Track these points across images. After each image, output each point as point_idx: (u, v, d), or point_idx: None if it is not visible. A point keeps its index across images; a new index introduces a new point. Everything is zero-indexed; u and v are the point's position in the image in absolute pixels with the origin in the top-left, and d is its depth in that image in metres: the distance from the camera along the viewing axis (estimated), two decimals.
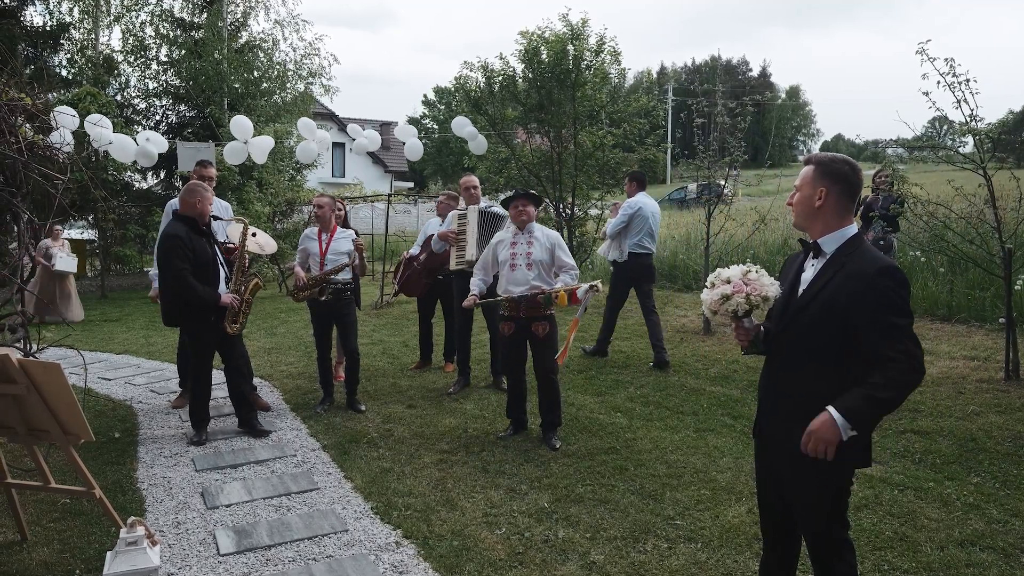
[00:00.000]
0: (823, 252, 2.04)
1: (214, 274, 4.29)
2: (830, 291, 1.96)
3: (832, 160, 2.04)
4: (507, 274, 4.23)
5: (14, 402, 2.84)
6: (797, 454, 1.99)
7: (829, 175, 2.02)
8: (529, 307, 4.16)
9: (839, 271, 1.97)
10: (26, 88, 4.41)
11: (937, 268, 7.74)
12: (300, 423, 4.73)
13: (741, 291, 2.01)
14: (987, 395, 4.80)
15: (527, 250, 4.19)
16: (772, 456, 2.18)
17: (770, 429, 2.16)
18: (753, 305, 2.00)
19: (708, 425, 4.47)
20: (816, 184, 2.03)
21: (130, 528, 2.78)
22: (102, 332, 8.43)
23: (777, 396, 2.11)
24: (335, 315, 4.92)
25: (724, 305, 2.03)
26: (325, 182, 22.75)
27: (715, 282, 2.08)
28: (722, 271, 2.10)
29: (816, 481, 2.02)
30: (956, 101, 4.94)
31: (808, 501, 2.07)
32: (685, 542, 3.01)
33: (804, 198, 2.06)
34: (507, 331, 4.27)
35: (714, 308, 2.07)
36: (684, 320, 7.69)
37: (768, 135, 61.79)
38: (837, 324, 1.93)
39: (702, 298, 2.13)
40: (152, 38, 14.55)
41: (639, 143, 10.13)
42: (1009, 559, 2.81)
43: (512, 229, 4.32)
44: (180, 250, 4.11)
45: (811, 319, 1.99)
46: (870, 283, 1.89)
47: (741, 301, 2.00)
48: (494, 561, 2.88)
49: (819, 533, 2.08)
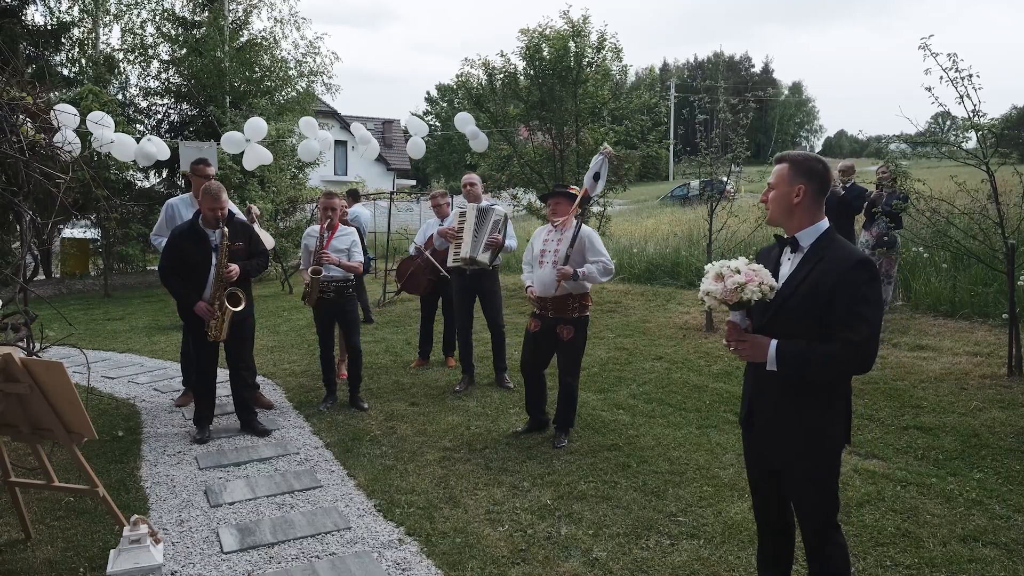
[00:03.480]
0: (800, 246, 2.13)
1: (204, 277, 4.27)
2: (812, 281, 2.04)
3: (806, 159, 2.14)
4: (537, 270, 4.21)
5: (18, 401, 2.85)
6: (789, 435, 2.10)
7: (805, 173, 2.11)
8: (557, 307, 4.13)
9: (818, 263, 2.05)
10: (28, 87, 4.41)
11: (940, 264, 7.72)
12: (303, 421, 4.74)
13: (753, 280, 2.02)
14: (990, 391, 4.79)
15: (556, 247, 4.15)
16: (764, 441, 2.22)
17: (760, 415, 2.20)
18: (764, 293, 2.02)
19: (710, 422, 4.47)
20: (793, 181, 2.11)
21: (133, 526, 2.80)
22: (105, 331, 8.45)
23: (766, 379, 2.14)
24: (337, 312, 4.92)
25: (739, 294, 2.01)
26: (327, 180, 22.75)
27: (724, 272, 2.06)
28: (725, 262, 2.10)
29: (809, 460, 2.10)
30: (959, 96, 4.92)
31: (802, 480, 2.13)
32: (688, 538, 3.01)
33: (781, 195, 2.14)
34: (533, 328, 4.24)
35: (730, 298, 2.03)
36: (687, 317, 7.68)
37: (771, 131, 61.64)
38: (820, 310, 2.01)
39: (709, 289, 2.07)
40: (153, 36, 14.57)
41: (641, 140, 10.12)
42: (1012, 555, 2.80)
43: (548, 226, 4.31)
44: (170, 248, 4.32)
45: (794, 311, 2.06)
46: (848, 272, 1.98)
47: (755, 289, 2.00)
48: (497, 558, 2.88)
49: (813, 514, 2.13)
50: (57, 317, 6.70)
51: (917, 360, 5.55)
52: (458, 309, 5.54)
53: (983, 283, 6.99)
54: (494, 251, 5.16)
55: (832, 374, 2.03)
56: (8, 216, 7.72)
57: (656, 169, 31.29)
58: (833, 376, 2.04)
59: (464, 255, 5.15)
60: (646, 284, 9.87)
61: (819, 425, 2.07)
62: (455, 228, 5.35)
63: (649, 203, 25.82)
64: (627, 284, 9.96)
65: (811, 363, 1.99)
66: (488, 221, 5.18)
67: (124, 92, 14.94)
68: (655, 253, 10.67)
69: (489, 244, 5.11)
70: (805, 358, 2.00)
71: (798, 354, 2.01)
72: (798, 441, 2.09)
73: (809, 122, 74.73)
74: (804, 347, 2.01)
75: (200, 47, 13.58)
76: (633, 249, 11.09)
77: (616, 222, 14.24)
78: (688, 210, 16.87)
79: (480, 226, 5.17)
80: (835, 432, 2.09)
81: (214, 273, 4.25)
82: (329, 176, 24.52)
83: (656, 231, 13.69)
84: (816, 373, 2.02)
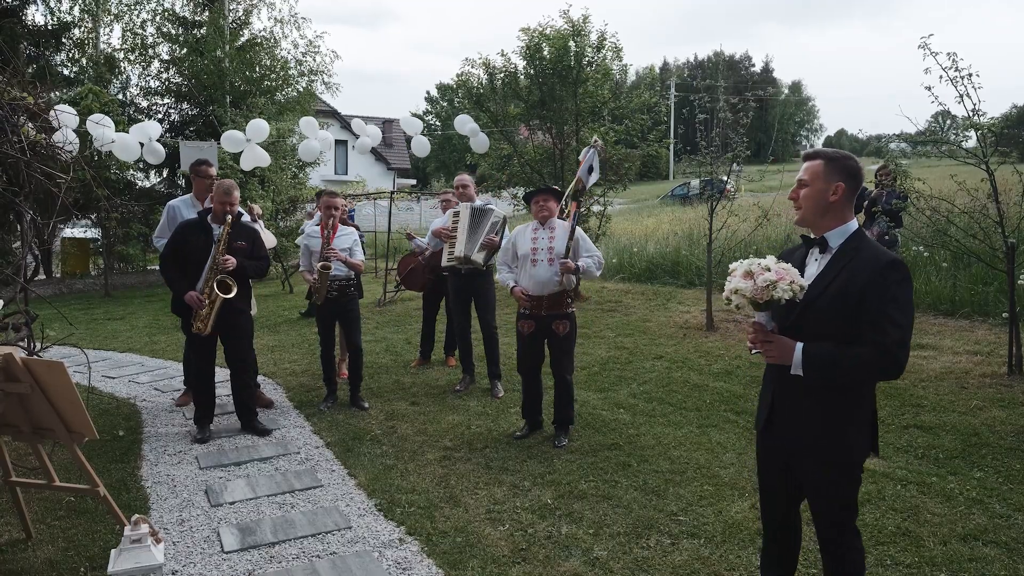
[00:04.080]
0: (829, 247, 2.04)
1: (202, 271, 4.28)
2: (841, 282, 1.96)
3: (843, 156, 2.04)
4: (528, 270, 4.18)
5: (19, 401, 2.85)
6: (811, 441, 2.03)
7: (843, 171, 2.01)
8: (551, 304, 4.14)
9: (847, 264, 1.98)
10: (28, 87, 4.41)
11: (940, 263, 7.73)
12: (304, 420, 4.75)
13: (784, 279, 1.94)
14: (990, 390, 4.79)
15: (549, 244, 4.16)
16: (784, 445, 2.14)
17: (781, 418, 2.13)
18: (795, 292, 1.94)
19: (711, 421, 4.47)
20: (830, 179, 2.01)
21: (134, 526, 2.80)
22: (105, 331, 8.46)
23: (789, 382, 2.05)
24: (339, 311, 4.93)
25: (770, 292, 1.94)
26: (328, 179, 22.76)
27: (754, 270, 1.98)
28: (754, 260, 2.03)
29: (830, 467, 2.03)
30: (959, 96, 4.93)
31: (821, 487, 2.07)
32: (688, 538, 3.01)
33: (816, 193, 2.03)
34: (526, 330, 4.23)
35: (760, 296, 1.95)
36: (687, 316, 7.69)
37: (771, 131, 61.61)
38: (849, 313, 1.93)
39: (738, 287, 1.99)
40: (153, 36, 14.57)
41: (641, 139, 10.12)
42: (1012, 554, 2.80)
43: (533, 224, 4.30)
44: (175, 239, 4.36)
45: (822, 312, 1.98)
46: (879, 274, 1.91)
47: (786, 288, 1.93)
48: (497, 557, 2.89)
49: (834, 520, 2.08)
50: (57, 317, 6.71)
51: (917, 359, 5.55)
52: (455, 310, 5.55)
53: (983, 282, 7.00)
54: (489, 252, 5.17)
55: (860, 379, 1.95)
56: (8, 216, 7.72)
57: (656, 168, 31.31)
58: (861, 381, 1.96)
59: (459, 254, 5.16)
60: (646, 283, 9.88)
61: (843, 432, 2.01)
62: (449, 228, 5.36)
63: (649, 202, 25.83)
64: (627, 283, 9.97)
65: (838, 367, 1.92)
66: (486, 222, 5.18)
67: (125, 92, 14.95)
68: (655, 252, 10.67)
69: (485, 245, 5.12)
70: (832, 361, 1.92)
71: (825, 357, 1.93)
72: (820, 448, 2.03)
73: (809, 121, 74.70)
74: (831, 350, 1.93)
75: (200, 47, 13.58)
76: (633, 248, 11.10)
77: (616, 221, 14.24)
78: (688, 209, 16.87)
79: (476, 226, 5.18)
80: (859, 441, 2.02)
81: (210, 263, 4.25)
82: (330, 175, 24.53)
83: (656, 230, 13.70)
84: (843, 377, 1.94)
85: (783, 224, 10.49)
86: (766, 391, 2.21)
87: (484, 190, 10.30)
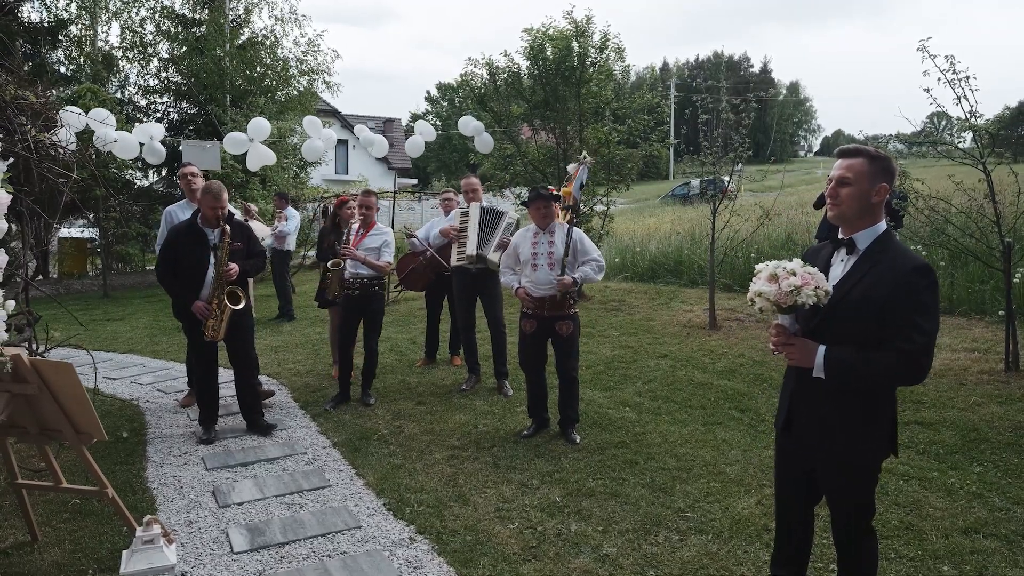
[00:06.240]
0: (857, 248, 2.02)
1: (200, 277, 4.25)
2: (865, 286, 1.94)
3: (885, 156, 2.01)
4: (530, 274, 4.21)
5: (26, 402, 2.85)
6: (830, 442, 2.03)
7: (886, 172, 1.98)
8: (553, 306, 4.18)
9: (873, 267, 1.96)
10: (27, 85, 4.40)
11: (938, 262, 7.76)
12: (310, 421, 4.75)
13: (809, 283, 1.92)
14: (988, 386, 4.83)
15: (549, 249, 4.18)
16: (803, 446, 2.13)
17: (800, 419, 2.12)
18: (819, 298, 1.93)
19: (716, 419, 4.50)
20: (875, 179, 1.97)
21: (146, 526, 2.81)
22: (106, 331, 8.45)
23: (810, 384, 2.05)
24: (364, 308, 5.00)
25: (794, 297, 1.92)
26: (329, 179, 22.70)
27: (779, 273, 1.96)
28: (780, 263, 2.01)
29: (849, 468, 2.04)
30: (956, 97, 4.97)
31: (838, 487, 2.09)
32: (696, 534, 3.04)
33: (861, 193, 1.97)
34: (528, 329, 4.27)
35: (784, 301, 1.94)
36: (690, 315, 7.71)
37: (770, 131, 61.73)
38: (874, 317, 1.92)
39: (762, 290, 1.97)
40: (152, 34, 14.53)
41: (643, 139, 10.14)
42: (1012, 546, 2.85)
43: (533, 228, 4.31)
44: (167, 246, 4.35)
45: (845, 315, 1.96)
46: (905, 279, 1.88)
47: (811, 293, 1.91)
48: (508, 555, 2.91)
49: (851, 520, 2.10)
50: (58, 317, 6.70)
51: None
52: (460, 309, 5.57)
53: (980, 280, 7.04)
54: (503, 252, 5.20)
55: (882, 383, 1.95)
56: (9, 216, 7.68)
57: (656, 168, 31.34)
58: (883, 385, 1.95)
59: (471, 252, 5.17)
60: (649, 282, 9.90)
61: (861, 435, 2.00)
62: (456, 227, 5.37)
63: (650, 202, 25.88)
64: (630, 283, 9.99)
65: (860, 372, 1.91)
66: (501, 223, 5.23)
67: (123, 90, 14.90)
68: (658, 252, 10.69)
69: (501, 244, 5.13)
70: (854, 365, 1.91)
71: (847, 361, 1.92)
72: (839, 450, 2.03)
73: (807, 121, 74.94)
74: (854, 354, 1.92)
75: (200, 45, 13.55)
76: (636, 248, 11.12)
77: (618, 221, 14.25)
78: (690, 209, 16.92)
79: (491, 226, 5.22)
80: (877, 443, 2.02)
81: (212, 272, 4.24)
82: (330, 175, 24.45)
83: (658, 230, 13.71)
84: (865, 382, 1.94)
85: (783, 223, 10.53)
86: (785, 392, 2.21)
87: (486, 190, 10.30)
